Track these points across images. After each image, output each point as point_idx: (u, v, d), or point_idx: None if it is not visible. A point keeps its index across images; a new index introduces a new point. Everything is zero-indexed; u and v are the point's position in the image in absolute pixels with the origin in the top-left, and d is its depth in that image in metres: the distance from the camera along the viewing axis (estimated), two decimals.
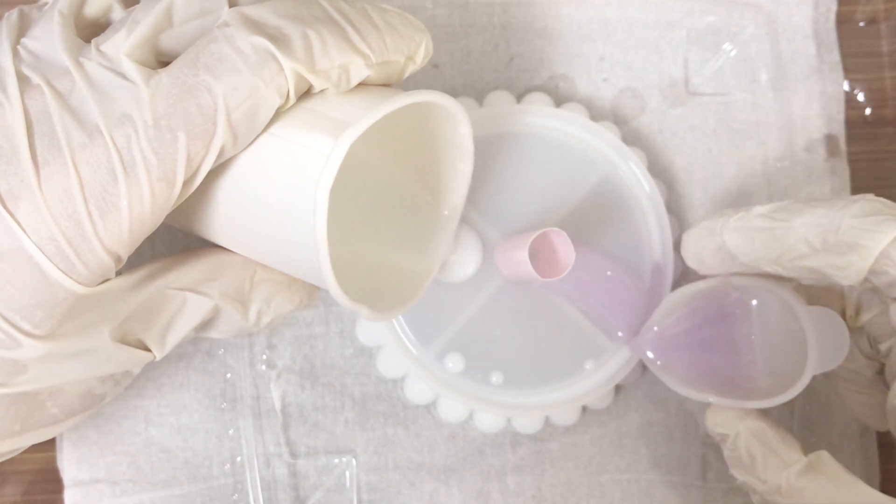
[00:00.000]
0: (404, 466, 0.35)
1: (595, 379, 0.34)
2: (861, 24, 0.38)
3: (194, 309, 0.27)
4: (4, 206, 0.22)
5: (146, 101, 0.22)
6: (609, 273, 0.34)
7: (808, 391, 0.32)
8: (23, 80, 0.23)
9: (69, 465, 0.34)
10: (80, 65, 0.23)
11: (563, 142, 0.34)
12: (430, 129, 0.28)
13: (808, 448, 0.29)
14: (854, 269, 0.27)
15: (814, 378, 0.29)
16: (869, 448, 0.37)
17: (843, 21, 0.38)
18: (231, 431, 0.35)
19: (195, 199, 0.26)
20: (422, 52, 0.26)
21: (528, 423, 0.34)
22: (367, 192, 0.30)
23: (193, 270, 0.27)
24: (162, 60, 0.24)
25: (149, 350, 0.27)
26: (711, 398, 0.31)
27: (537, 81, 0.37)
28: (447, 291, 0.33)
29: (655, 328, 0.33)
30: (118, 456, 0.34)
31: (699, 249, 0.31)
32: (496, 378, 0.33)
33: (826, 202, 0.28)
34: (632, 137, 0.37)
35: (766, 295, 0.31)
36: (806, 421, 0.37)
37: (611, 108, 0.37)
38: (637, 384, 0.36)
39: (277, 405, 0.35)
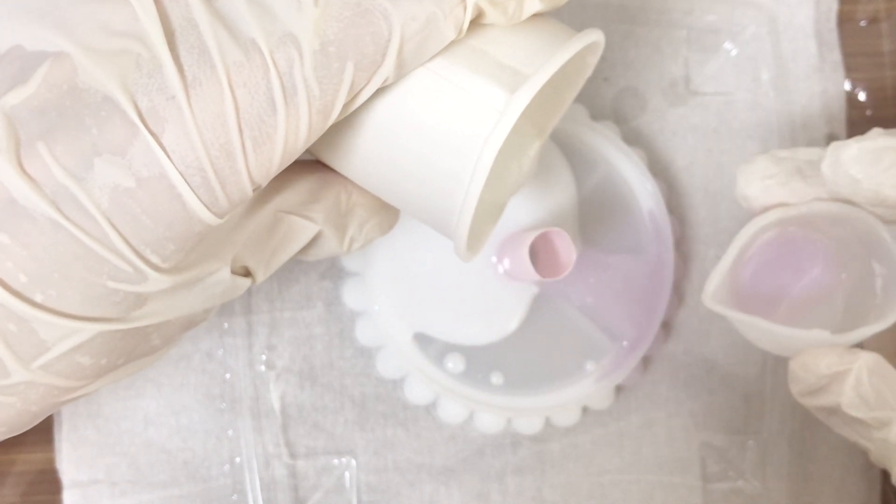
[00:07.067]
0: (404, 467, 0.35)
1: (595, 379, 0.34)
2: (862, 23, 0.38)
3: (300, 234, 0.25)
4: (147, 127, 0.19)
5: (313, 21, 0.20)
6: (609, 273, 0.34)
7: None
8: None
9: (68, 466, 0.34)
10: None
11: (563, 142, 0.34)
12: None
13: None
14: None
15: None
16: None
17: (845, 20, 0.38)
18: (230, 432, 0.34)
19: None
20: None
21: (528, 424, 0.34)
22: None
23: (298, 192, 0.25)
24: None
25: (249, 276, 0.25)
26: (825, 333, 0.28)
27: None
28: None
29: (738, 279, 0.31)
30: (117, 457, 0.34)
31: (768, 175, 0.30)
32: (496, 379, 0.33)
33: None
34: (632, 137, 0.37)
35: (843, 219, 0.30)
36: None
37: (611, 107, 0.37)
38: (637, 385, 0.36)
39: (277, 406, 0.35)
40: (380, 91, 0.22)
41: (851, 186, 0.28)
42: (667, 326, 0.36)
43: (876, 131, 0.28)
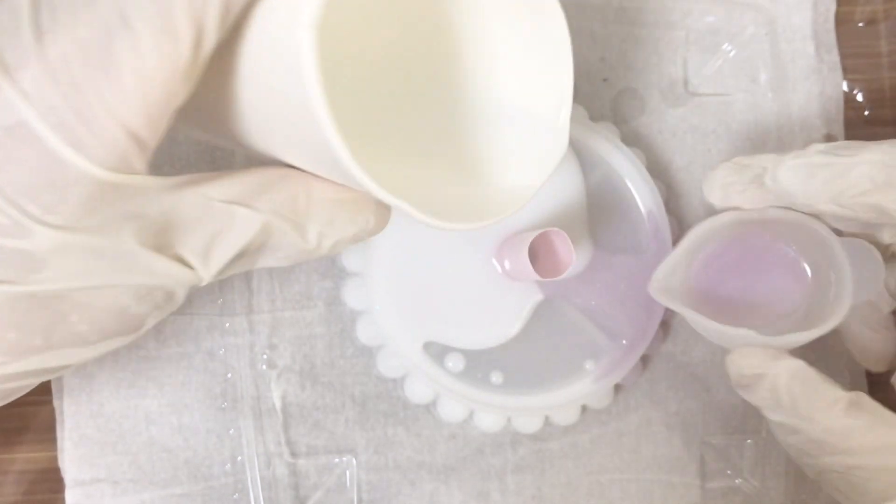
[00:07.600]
0: (404, 466, 0.35)
1: (594, 379, 0.34)
2: (860, 24, 0.38)
3: (242, 225, 0.24)
4: (2, 79, 0.20)
5: None
6: (609, 273, 0.34)
7: None
8: None
9: (70, 465, 0.34)
10: None
11: None
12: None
13: None
14: None
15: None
16: None
17: (842, 21, 0.38)
18: (231, 431, 0.35)
19: (219, 97, 0.23)
20: None
21: (528, 423, 0.34)
22: (442, 97, 0.26)
23: (242, 183, 0.24)
24: None
25: (191, 268, 0.24)
26: (752, 333, 0.29)
27: None
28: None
29: (685, 270, 0.32)
30: (119, 455, 0.34)
31: (728, 183, 0.31)
32: (496, 378, 0.33)
33: (888, 140, 0.28)
34: (631, 137, 0.37)
35: (798, 227, 0.31)
36: None
37: (610, 108, 0.37)
38: (637, 384, 0.36)
39: (278, 405, 0.35)
40: (238, 33, 0.22)
41: (789, 199, 0.29)
42: (665, 326, 0.36)
43: (813, 147, 0.29)
